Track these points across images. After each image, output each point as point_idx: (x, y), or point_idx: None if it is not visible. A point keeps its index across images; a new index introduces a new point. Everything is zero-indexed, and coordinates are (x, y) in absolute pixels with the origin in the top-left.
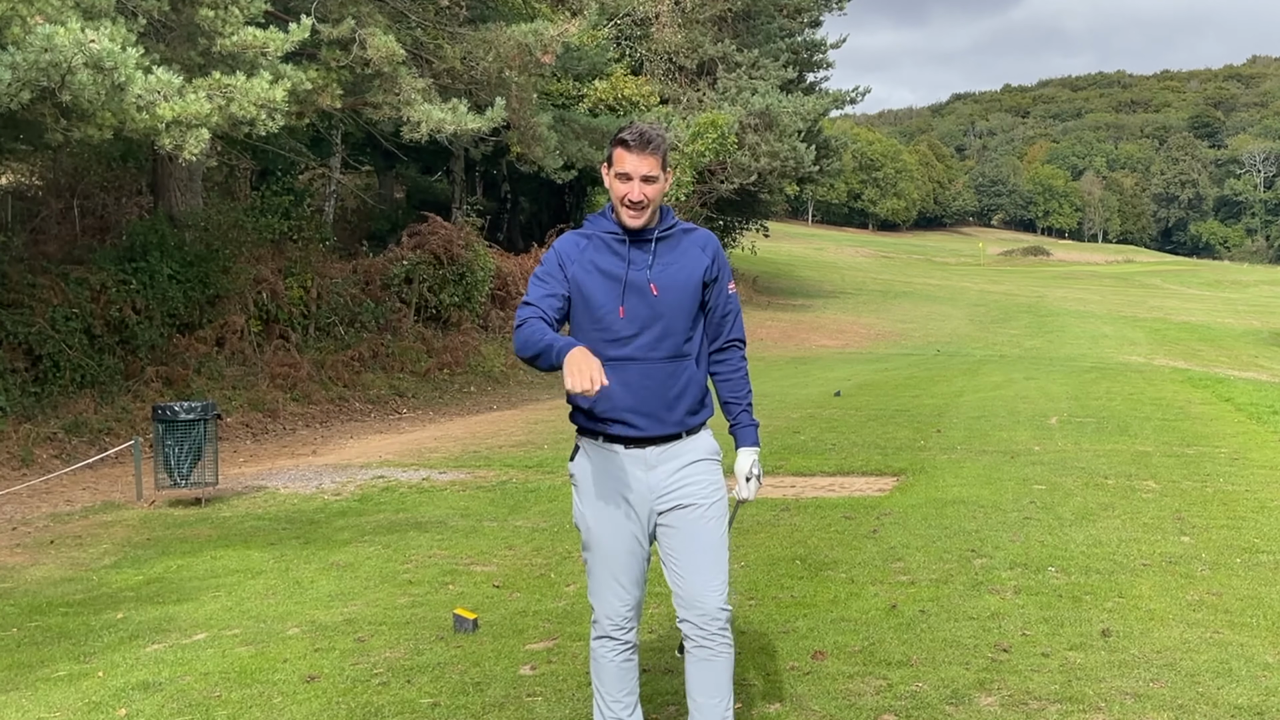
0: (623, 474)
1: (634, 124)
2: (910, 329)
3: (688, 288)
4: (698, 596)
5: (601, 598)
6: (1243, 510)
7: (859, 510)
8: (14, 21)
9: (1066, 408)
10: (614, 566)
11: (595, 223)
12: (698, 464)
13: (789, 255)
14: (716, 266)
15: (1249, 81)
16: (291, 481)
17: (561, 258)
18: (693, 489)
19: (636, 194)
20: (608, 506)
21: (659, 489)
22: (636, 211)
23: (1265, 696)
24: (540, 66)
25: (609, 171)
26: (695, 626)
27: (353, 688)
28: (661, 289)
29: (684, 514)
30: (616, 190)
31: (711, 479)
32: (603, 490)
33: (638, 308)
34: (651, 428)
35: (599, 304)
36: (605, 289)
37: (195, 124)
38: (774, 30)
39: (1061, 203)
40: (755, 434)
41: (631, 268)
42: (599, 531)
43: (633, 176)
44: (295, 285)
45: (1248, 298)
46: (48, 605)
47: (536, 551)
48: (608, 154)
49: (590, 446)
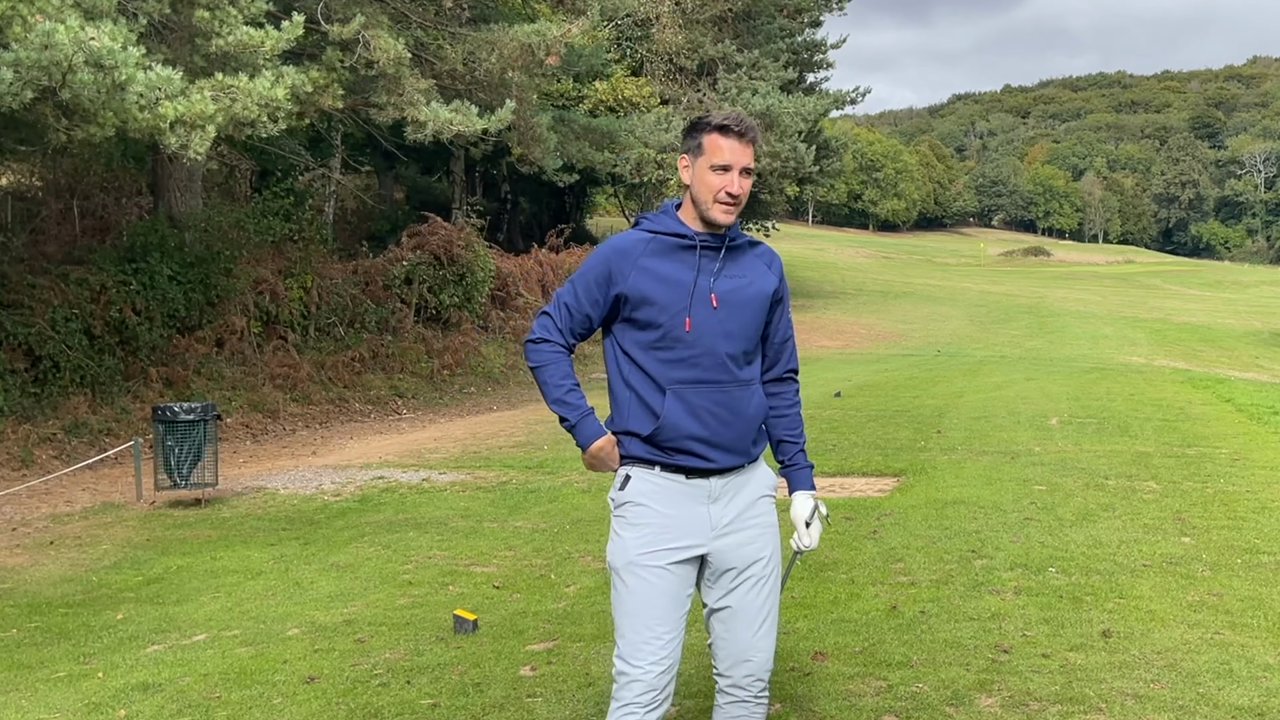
0: (683, 508)
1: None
2: (910, 330)
3: (756, 304)
4: (744, 656)
5: (634, 652)
6: (1243, 511)
7: (859, 511)
8: (14, 21)
9: (1067, 408)
10: (656, 612)
11: (658, 221)
12: (760, 502)
13: (789, 256)
14: (782, 287)
15: (1249, 82)
16: (291, 482)
17: (611, 268)
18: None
19: (736, 187)
20: (661, 542)
21: (720, 525)
22: (733, 206)
23: (1266, 697)
24: (543, 68)
25: (694, 163)
26: (736, 686)
27: (352, 688)
28: (723, 302)
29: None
30: (711, 183)
31: (770, 519)
32: (660, 524)
33: (706, 322)
34: (720, 459)
35: (663, 315)
36: (672, 298)
37: (199, 124)
38: (774, 30)
39: (1062, 203)
40: (810, 476)
41: (701, 275)
42: (647, 570)
43: (733, 167)
44: (295, 286)
45: (1248, 298)
46: (48, 606)
47: (537, 552)
48: (694, 142)
49: (645, 475)
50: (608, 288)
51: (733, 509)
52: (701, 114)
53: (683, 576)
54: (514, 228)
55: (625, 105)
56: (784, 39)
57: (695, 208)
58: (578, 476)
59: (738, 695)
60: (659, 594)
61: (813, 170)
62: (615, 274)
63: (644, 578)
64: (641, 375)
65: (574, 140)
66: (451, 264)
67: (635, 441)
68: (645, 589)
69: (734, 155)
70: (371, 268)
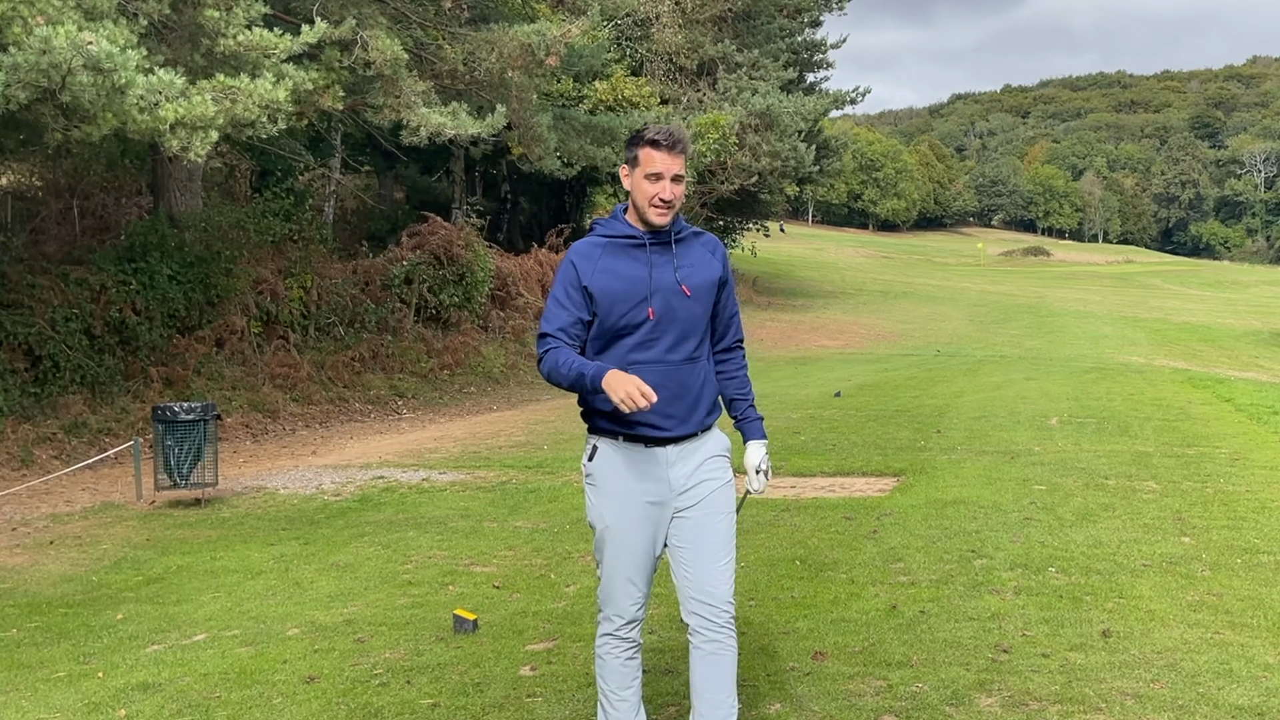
0: (644, 472)
1: (657, 124)
2: (910, 329)
3: (706, 289)
4: (707, 587)
5: (613, 597)
6: (1243, 511)
7: (859, 511)
8: (14, 22)
9: (1067, 408)
10: (629, 565)
11: (609, 225)
12: (712, 460)
13: (789, 255)
14: (725, 271)
15: (1249, 82)
16: (291, 482)
17: (578, 271)
18: (707, 485)
19: (668, 193)
20: (628, 504)
21: (679, 486)
22: (665, 210)
23: (1266, 697)
24: (543, 68)
25: (633, 172)
26: (704, 619)
27: (352, 688)
28: (692, 291)
29: (697, 510)
30: (645, 190)
31: (724, 475)
32: (623, 488)
33: (665, 310)
34: (675, 428)
35: (624, 309)
36: (629, 293)
37: (200, 126)
38: (774, 30)
39: (1062, 203)
40: (762, 428)
41: (655, 269)
42: (618, 529)
43: (664, 175)
44: (295, 286)
45: (1248, 298)
46: (48, 605)
47: (536, 552)
48: (631, 155)
49: (609, 445)
50: (580, 285)
51: (688, 469)
52: (639, 128)
53: (649, 533)
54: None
55: (625, 105)
56: (784, 39)
57: (636, 211)
58: (577, 476)
59: (707, 628)
60: (631, 548)
61: (813, 170)
62: (581, 274)
63: (618, 537)
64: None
65: (574, 138)
66: (451, 264)
67: (600, 416)
68: (619, 545)
69: (664, 165)
70: (371, 268)
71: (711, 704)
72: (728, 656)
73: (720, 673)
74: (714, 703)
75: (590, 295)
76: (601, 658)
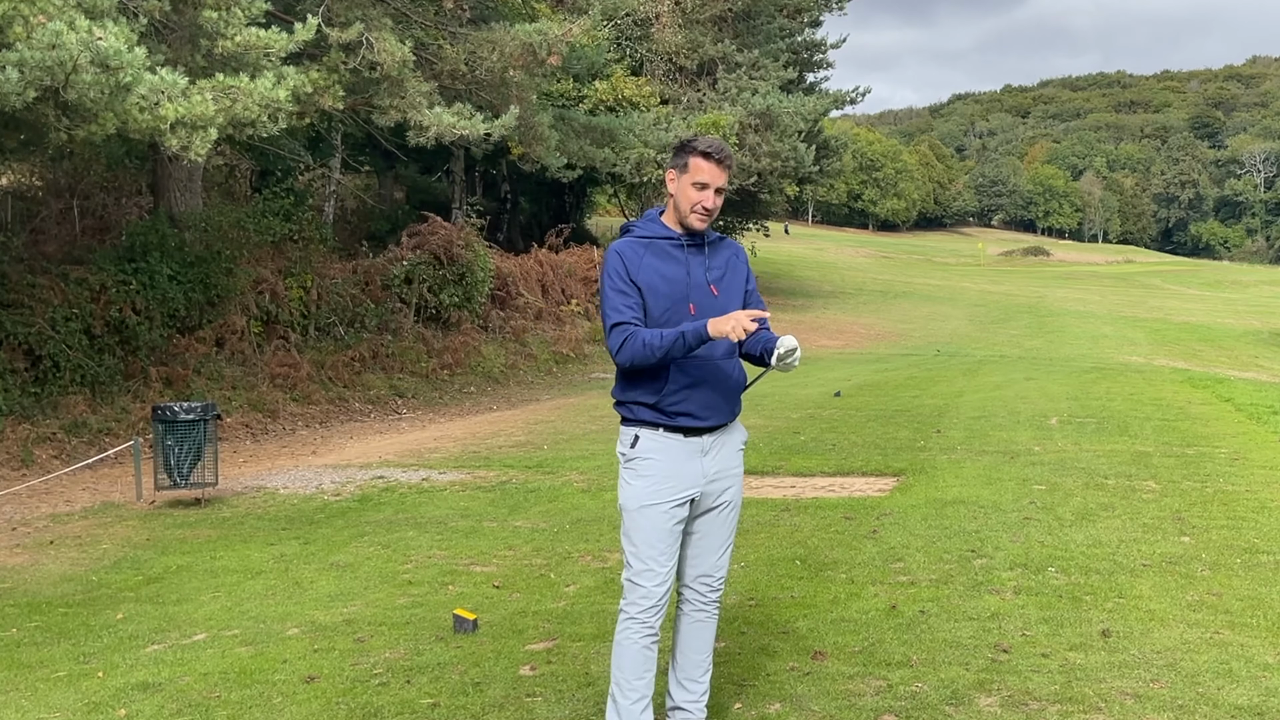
0: (683, 459)
1: (708, 136)
2: (910, 329)
3: (737, 290)
4: (710, 570)
5: (640, 579)
6: (1243, 510)
7: (859, 510)
8: (16, 21)
9: (1066, 408)
10: (658, 550)
11: (647, 226)
12: (737, 454)
13: (789, 255)
14: (751, 277)
15: (1249, 82)
16: (291, 482)
17: (626, 265)
18: (730, 481)
19: (711, 202)
20: (665, 492)
21: (710, 474)
22: (707, 217)
23: (1265, 697)
24: (544, 67)
25: (679, 178)
26: (699, 594)
27: (352, 688)
28: (721, 291)
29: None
30: (690, 196)
31: (740, 474)
32: (662, 476)
33: (703, 308)
34: (711, 419)
35: (666, 306)
36: (672, 290)
37: (200, 125)
38: (774, 30)
39: (1062, 203)
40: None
41: (693, 269)
42: (654, 512)
43: (709, 185)
44: (295, 286)
45: (1248, 298)
46: (47, 605)
47: (536, 552)
48: (681, 161)
49: (650, 435)
50: (629, 279)
51: (719, 460)
52: (690, 137)
53: (679, 517)
54: (514, 227)
55: (625, 105)
56: (784, 39)
57: (676, 214)
58: (577, 476)
59: (698, 600)
60: (661, 532)
61: (813, 170)
62: (630, 269)
63: (650, 518)
64: None
65: (575, 138)
66: (451, 264)
67: (643, 408)
68: (650, 527)
69: (712, 176)
70: (371, 267)
71: (693, 661)
72: (712, 623)
73: (705, 635)
74: (696, 661)
75: (639, 289)
76: (620, 644)
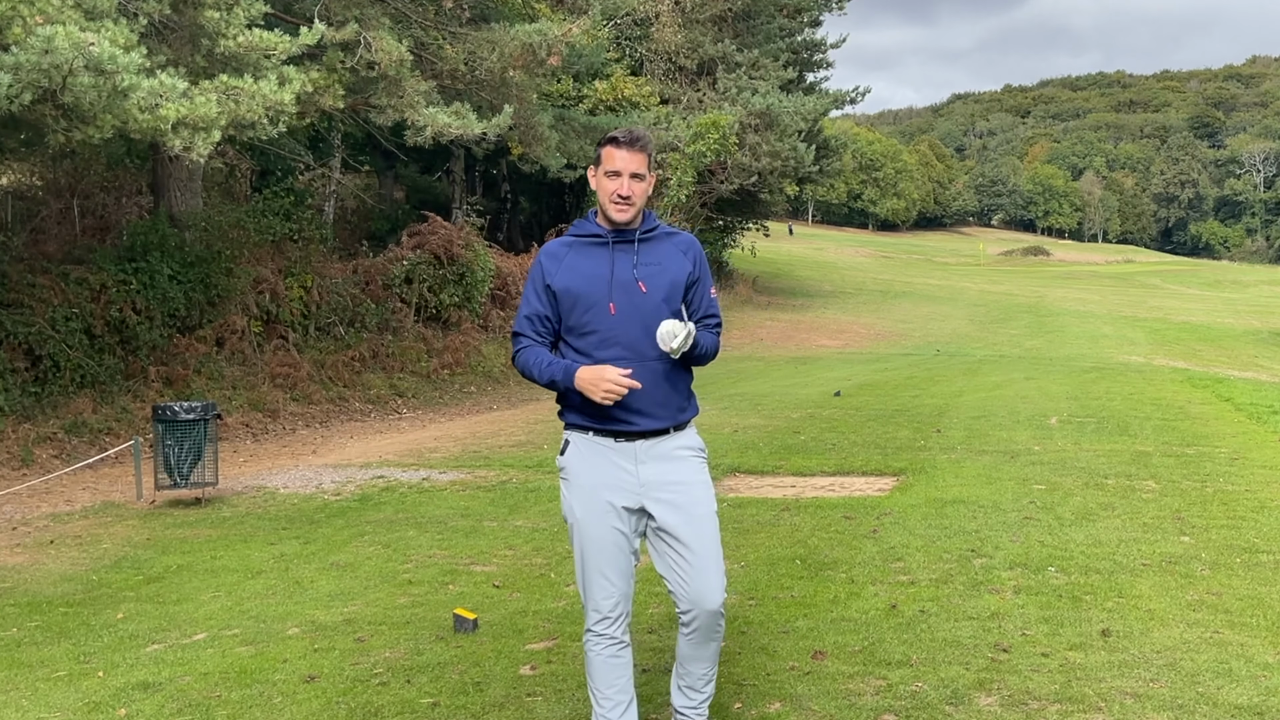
0: (612, 467)
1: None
2: (910, 329)
3: (672, 288)
4: (699, 595)
5: (588, 591)
6: (1242, 510)
7: (859, 510)
8: (14, 22)
9: (1066, 408)
10: (600, 559)
11: (580, 226)
12: (687, 462)
13: (789, 255)
14: (698, 270)
15: (1249, 81)
16: (291, 481)
17: (544, 270)
18: (685, 490)
19: (625, 189)
20: (596, 499)
21: (649, 482)
22: (624, 205)
23: (1265, 696)
24: (545, 67)
25: (597, 171)
26: (696, 618)
27: (352, 688)
28: (650, 287)
29: (679, 517)
30: (605, 187)
31: (701, 478)
32: (591, 483)
33: (626, 305)
34: (643, 423)
35: (588, 304)
36: (593, 288)
37: (203, 126)
38: (774, 30)
39: (1061, 203)
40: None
41: (617, 266)
42: (586, 523)
43: (622, 173)
44: (295, 285)
45: (1247, 298)
46: (48, 605)
47: (536, 551)
48: (595, 155)
49: (580, 440)
50: (544, 285)
51: (660, 468)
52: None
53: (619, 526)
54: (514, 227)
55: (625, 105)
56: (783, 38)
57: (601, 210)
58: None
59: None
60: (602, 543)
61: (812, 170)
62: (547, 273)
63: (587, 531)
64: (575, 355)
65: (575, 138)
66: (451, 263)
67: (572, 411)
68: (589, 539)
69: (623, 163)
70: (371, 267)
71: (696, 674)
72: (713, 644)
73: (705, 655)
74: (697, 673)
75: (554, 293)
76: (587, 657)
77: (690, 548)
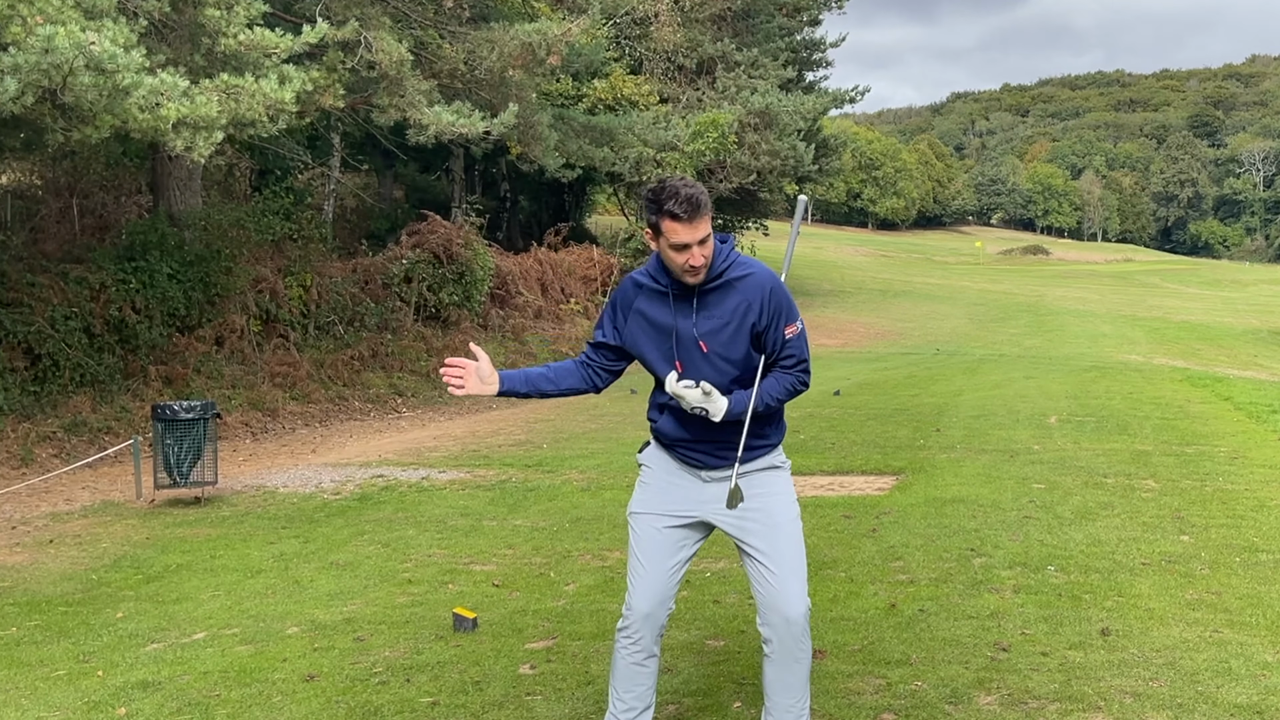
0: (681, 478)
1: (673, 186)
2: (909, 328)
3: (736, 342)
4: (779, 604)
5: (630, 585)
6: (1242, 509)
7: (858, 509)
8: (14, 21)
9: (1066, 407)
10: (645, 559)
11: (651, 264)
12: (763, 474)
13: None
14: (766, 317)
15: (1248, 81)
16: (291, 481)
17: (618, 304)
18: (762, 500)
19: (698, 259)
20: (656, 504)
21: (718, 498)
22: (700, 273)
23: (1265, 695)
24: (544, 66)
25: (658, 239)
26: (777, 633)
27: (352, 687)
28: (711, 347)
29: (757, 526)
30: (674, 259)
31: (778, 488)
32: (659, 486)
33: (689, 365)
34: (707, 461)
35: (654, 355)
36: (657, 342)
37: (204, 125)
38: (773, 29)
39: (1061, 202)
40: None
41: (679, 324)
42: (643, 519)
43: (690, 244)
44: (295, 285)
45: (1247, 297)
46: (47, 604)
47: (536, 551)
48: (651, 221)
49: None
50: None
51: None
52: (656, 189)
53: (672, 535)
54: (513, 226)
55: (624, 104)
56: (783, 37)
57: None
58: (577, 475)
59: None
60: (651, 544)
61: (812, 169)
62: (620, 308)
63: (639, 528)
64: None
65: (574, 138)
66: (451, 262)
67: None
68: (639, 538)
69: (689, 234)
70: (371, 266)
71: (782, 706)
72: (799, 667)
73: (793, 679)
74: (783, 705)
75: (619, 332)
76: (615, 652)
77: (768, 554)
